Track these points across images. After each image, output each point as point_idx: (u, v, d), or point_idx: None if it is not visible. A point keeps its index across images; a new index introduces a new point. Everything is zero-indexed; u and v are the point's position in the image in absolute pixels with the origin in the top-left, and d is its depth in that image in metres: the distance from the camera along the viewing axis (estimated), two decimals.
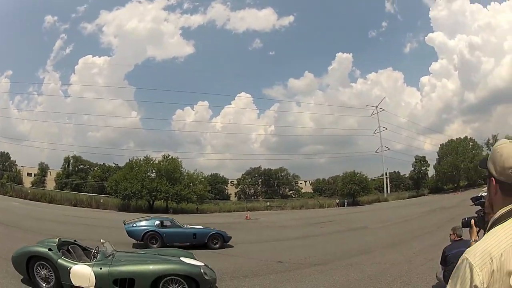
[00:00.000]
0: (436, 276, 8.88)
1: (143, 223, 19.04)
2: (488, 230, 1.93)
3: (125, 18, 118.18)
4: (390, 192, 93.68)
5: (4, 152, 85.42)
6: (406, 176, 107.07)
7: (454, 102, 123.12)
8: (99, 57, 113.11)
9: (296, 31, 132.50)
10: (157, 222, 19.10)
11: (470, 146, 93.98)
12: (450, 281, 1.83)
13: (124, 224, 18.95)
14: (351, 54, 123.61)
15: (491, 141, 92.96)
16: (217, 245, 18.64)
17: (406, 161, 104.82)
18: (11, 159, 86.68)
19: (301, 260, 14.76)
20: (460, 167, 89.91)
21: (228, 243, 19.18)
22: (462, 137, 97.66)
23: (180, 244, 17.71)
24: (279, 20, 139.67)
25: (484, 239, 1.86)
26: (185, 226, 20.10)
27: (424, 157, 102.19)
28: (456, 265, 1.81)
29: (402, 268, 12.30)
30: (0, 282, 9.61)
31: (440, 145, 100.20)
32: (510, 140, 1.96)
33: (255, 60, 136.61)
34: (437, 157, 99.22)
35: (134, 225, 18.88)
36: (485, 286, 1.70)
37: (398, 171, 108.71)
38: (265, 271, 12.78)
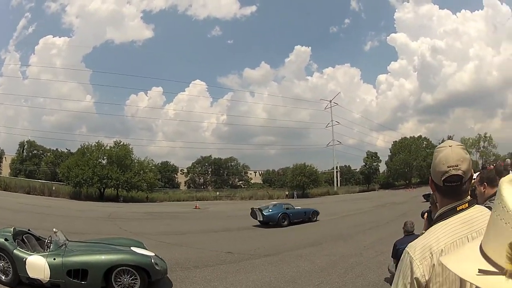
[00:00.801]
0: (388, 269, 9.23)
1: (273, 208, 25.26)
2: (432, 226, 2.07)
3: None
4: (340, 185, 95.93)
5: None
6: (357, 170, 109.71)
7: (410, 101, 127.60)
8: (60, 37, 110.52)
9: (257, 21, 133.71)
10: (285, 206, 26.26)
11: (424, 145, 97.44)
12: (396, 273, 1.99)
13: (260, 211, 24.57)
14: (310, 47, 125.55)
15: None
16: (315, 219, 27.13)
17: (358, 156, 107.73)
18: None
19: (251, 251, 14.99)
20: (412, 165, 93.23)
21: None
22: (416, 136, 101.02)
23: (297, 220, 25.51)
24: (241, 9, 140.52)
25: (425, 234, 2.01)
26: (296, 207, 27.51)
27: (376, 153, 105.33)
28: (401, 258, 1.97)
29: (353, 260, 12.62)
30: None
31: (393, 142, 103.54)
32: (451, 145, 2.06)
33: (213, 48, 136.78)
34: (389, 154, 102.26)
35: (270, 210, 24.79)
36: (426, 278, 1.84)
37: (349, 166, 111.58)
38: (215, 261, 12.92)
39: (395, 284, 1.97)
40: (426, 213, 8.03)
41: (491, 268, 1.45)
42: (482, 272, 1.50)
